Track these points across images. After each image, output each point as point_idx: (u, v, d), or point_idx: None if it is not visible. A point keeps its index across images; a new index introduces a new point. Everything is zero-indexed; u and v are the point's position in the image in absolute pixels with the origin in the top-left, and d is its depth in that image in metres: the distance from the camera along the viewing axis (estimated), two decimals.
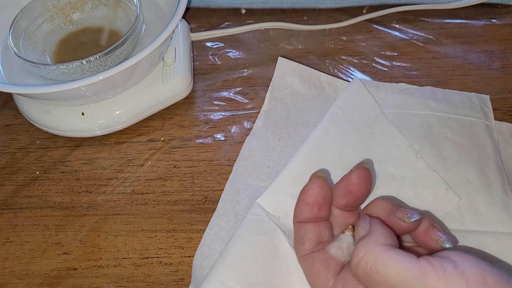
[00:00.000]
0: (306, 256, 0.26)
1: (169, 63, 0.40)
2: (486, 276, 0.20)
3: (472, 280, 0.19)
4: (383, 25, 0.48)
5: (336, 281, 0.24)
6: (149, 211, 0.36)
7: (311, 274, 0.26)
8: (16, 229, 0.36)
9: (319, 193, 0.27)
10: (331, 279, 0.24)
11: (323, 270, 0.25)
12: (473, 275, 0.19)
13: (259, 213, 0.31)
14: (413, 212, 0.25)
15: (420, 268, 0.20)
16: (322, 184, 0.27)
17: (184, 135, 0.40)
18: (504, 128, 0.38)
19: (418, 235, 0.26)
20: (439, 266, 0.20)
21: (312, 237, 0.27)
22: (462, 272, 0.20)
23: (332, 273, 0.25)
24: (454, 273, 0.20)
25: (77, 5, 0.44)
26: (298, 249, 0.27)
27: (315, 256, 0.26)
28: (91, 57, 0.36)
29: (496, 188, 0.33)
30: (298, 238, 0.27)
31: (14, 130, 0.42)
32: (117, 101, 0.39)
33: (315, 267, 0.25)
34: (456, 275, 0.20)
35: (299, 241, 0.27)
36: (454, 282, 0.19)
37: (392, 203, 0.27)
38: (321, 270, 0.25)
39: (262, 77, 0.44)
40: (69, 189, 0.37)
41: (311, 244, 0.27)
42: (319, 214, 0.27)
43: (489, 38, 0.46)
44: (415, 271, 0.20)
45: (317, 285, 0.25)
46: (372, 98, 0.38)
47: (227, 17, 0.50)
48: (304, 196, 0.27)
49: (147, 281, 0.32)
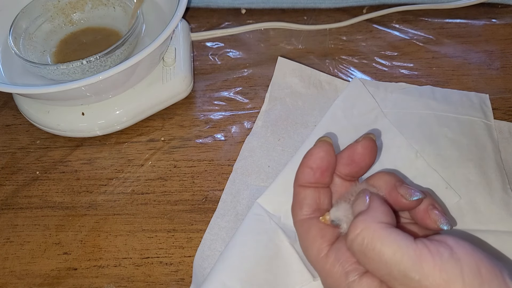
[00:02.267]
0: (303, 221, 0.26)
1: (169, 63, 0.40)
2: (481, 266, 0.20)
3: (466, 269, 0.19)
4: (383, 25, 0.48)
5: (330, 251, 0.24)
6: (149, 211, 0.36)
7: (306, 240, 0.25)
8: (16, 229, 0.36)
9: (324, 158, 0.26)
10: (325, 249, 0.24)
11: (318, 238, 0.25)
12: (468, 264, 0.20)
13: (259, 213, 0.31)
14: (415, 190, 0.25)
15: (417, 251, 0.20)
16: (327, 149, 0.26)
17: (184, 135, 0.40)
18: (503, 127, 0.38)
19: (418, 214, 0.25)
20: (435, 251, 0.20)
21: (311, 202, 0.26)
22: (457, 260, 0.20)
23: (327, 242, 0.24)
24: (449, 260, 0.20)
25: (77, 5, 0.44)
26: (296, 213, 0.26)
27: (312, 223, 0.25)
28: (91, 57, 0.36)
29: (496, 187, 0.33)
30: (297, 202, 0.26)
31: (14, 130, 0.42)
32: (117, 101, 0.39)
33: (310, 234, 0.25)
34: (452, 262, 0.20)
35: (298, 205, 0.26)
36: (448, 269, 0.19)
37: (396, 178, 0.26)
38: (316, 238, 0.25)
39: (262, 77, 0.44)
40: (69, 189, 0.37)
41: (309, 210, 0.26)
42: (321, 180, 0.26)
43: (489, 38, 0.46)
44: (411, 253, 0.20)
45: (310, 251, 0.25)
46: (372, 97, 0.38)
47: (227, 17, 0.50)
48: (307, 159, 0.26)
49: (147, 281, 0.32)
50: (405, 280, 0.20)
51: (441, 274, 0.19)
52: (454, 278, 0.19)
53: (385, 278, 0.21)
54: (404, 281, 0.20)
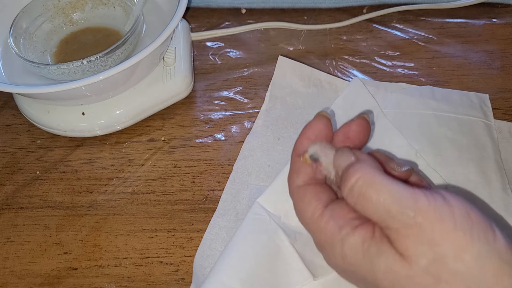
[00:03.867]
0: (299, 187, 0.27)
1: (170, 63, 0.40)
2: (471, 212, 0.21)
3: (458, 212, 0.21)
4: (383, 24, 0.48)
5: (324, 211, 0.25)
6: (150, 211, 0.36)
7: (301, 204, 0.26)
8: (16, 229, 0.36)
9: (322, 130, 0.27)
10: (320, 209, 0.25)
11: (314, 201, 0.25)
12: (459, 209, 0.21)
13: (260, 213, 0.31)
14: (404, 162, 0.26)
15: (413, 194, 0.22)
16: (326, 122, 0.27)
17: (184, 135, 0.40)
18: (503, 127, 0.38)
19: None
20: (430, 196, 0.22)
21: (308, 171, 0.27)
22: (450, 205, 0.21)
23: (322, 204, 0.25)
24: (442, 204, 0.21)
25: (77, 4, 0.44)
26: (293, 180, 0.27)
27: (308, 188, 0.26)
28: (92, 57, 0.36)
29: (496, 187, 0.33)
30: (294, 170, 0.27)
31: (14, 130, 0.42)
32: (117, 101, 0.39)
33: (306, 198, 0.26)
34: (444, 205, 0.21)
35: (295, 173, 0.27)
36: (441, 210, 0.21)
37: (385, 156, 0.27)
38: (312, 201, 0.26)
39: (262, 77, 0.44)
40: (69, 189, 0.38)
41: (306, 177, 0.27)
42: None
43: (489, 37, 0.46)
44: (408, 194, 0.22)
45: (305, 214, 0.26)
46: (372, 97, 0.38)
47: (227, 17, 0.50)
48: (306, 130, 0.27)
49: (148, 281, 0.32)
50: (401, 218, 0.21)
51: (435, 212, 0.21)
52: (446, 218, 0.21)
53: (382, 219, 0.22)
54: (401, 218, 0.21)
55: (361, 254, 0.23)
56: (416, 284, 0.21)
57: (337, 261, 0.24)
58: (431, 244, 0.21)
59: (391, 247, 0.22)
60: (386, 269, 0.22)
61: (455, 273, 0.21)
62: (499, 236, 0.21)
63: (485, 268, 0.20)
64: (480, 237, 0.21)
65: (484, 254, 0.21)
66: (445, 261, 0.21)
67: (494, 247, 0.21)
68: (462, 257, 0.21)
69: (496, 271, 0.20)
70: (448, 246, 0.21)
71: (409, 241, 0.21)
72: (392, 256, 0.22)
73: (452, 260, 0.21)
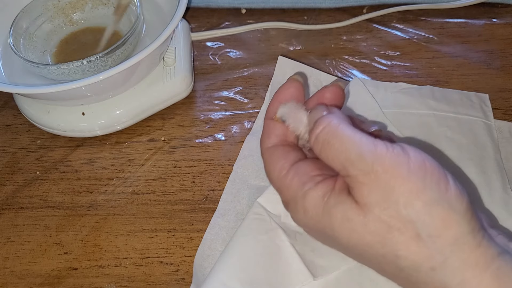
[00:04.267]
0: (269, 148, 0.28)
1: (170, 63, 0.40)
2: (426, 162, 0.22)
3: (413, 160, 0.22)
4: (383, 24, 0.48)
5: (290, 169, 0.26)
6: (150, 211, 0.36)
7: (270, 163, 0.27)
8: (17, 229, 0.36)
9: (293, 93, 0.28)
10: (287, 168, 0.26)
11: (281, 159, 0.26)
12: (416, 158, 0.22)
13: (260, 213, 0.31)
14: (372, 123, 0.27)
15: (373, 142, 0.23)
16: (297, 85, 0.28)
17: (184, 135, 0.40)
18: (503, 127, 0.38)
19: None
20: (390, 146, 0.23)
21: (279, 133, 0.28)
22: (407, 154, 0.22)
23: (289, 163, 0.26)
24: (400, 152, 0.22)
25: (77, 5, 0.44)
26: (264, 142, 0.28)
27: (277, 148, 0.27)
28: (92, 57, 0.36)
29: (496, 187, 0.33)
30: (265, 132, 0.28)
31: (14, 130, 0.42)
32: (117, 101, 0.39)
33: (274, 157, 0.27)
34: (401, 153, 0.22)
35: (266, 135, 0.28)
36: (398, 159, 0.22)
37: (356, 118, 0.28)
38: (279, 159, 0.26)
39: (262, 77, 0.44)
40: (69, 189, 0.38)
41: (276, 139, 0.28)
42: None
43: (489, 37, 0.46)
44: (369, 141, 0.23)
45: (272, 172, 0.27)
46: (371, 97, 0.38)
47: (227, 17, 0.50)
48: (278, 94, 0.28)
49: (148, 281, 0.32)
50: (360, 164, 0.22)
51: (391, 159, 0.22)
52: (401, 164, 0.22)
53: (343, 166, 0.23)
54: (359, 165, 0.22)
55: (321, 207, 0.24)
56: (371, 232, 0.22)
57: (300, 216, 0.25)
58: (385, 191, 0.22)
59: (349, 197, 0.23)
60: (343, 218, 0.23)
61: (406, 220, 0.21)
62: (452, 185, 0.22)
63: (434, 215, 0.21)
64: (432, 185, 0.21)
65: (435, 202, 0.21)
66: (397, 208, 0.21)
67: (445, 195, 0.21)
68: (412, 204, 0.21)
69: (445, 219, 0.21)
70: (400, 193, 0.21)
71: (365, 188, 0.22)
72: (349, 204, 0.23)
73: (403, 207, 0.21)
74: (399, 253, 0.22)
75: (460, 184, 0.23)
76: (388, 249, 0.22)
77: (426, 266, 0.21)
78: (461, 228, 0.21)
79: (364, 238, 0.22)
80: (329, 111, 0.26)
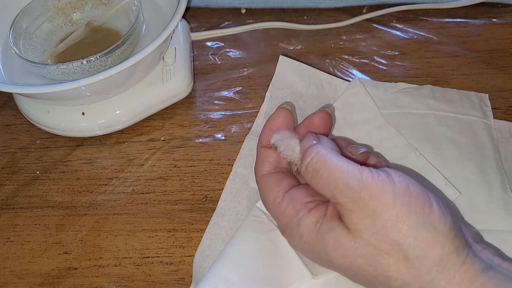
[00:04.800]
0: (263, 176, 0.29)
1: (169, 62, 0.40)
2: (411, 187, 0.24)
3: (398, 186, 0.23)
4: (383, 24, 0.48)
5: (284, 197, 0.27)
6: (150, 211, 0.36)
7: (265, 191, 0.28)
8: (16, 228, 0.36)
9: (283, 121, 0.29)
10: (281, 195, 0.27)
11: (275, 188, 0.28)
12: (400, 184, 0.24)
13: (259, 215, 0.31)
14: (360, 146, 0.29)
15: (360, 169, 0.24)
16: (286, 114, 0.30)
17: (184, 135, 0.40)
18: (503, 127, 0.38)
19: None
20: (375, 172, 0.24)
21: (272, 161, 0.29)
22: (392, 180, 0.24)
23: (283, 191, 0.27)
24: (385, 178, 0.24)
25: (77, 4, 0.44)
26: (258, 170, 0.30)
27: (271, 176, 0.29)
28: (92, 57, 0.36)
29: (495, 187, 0.33)
30: (259, 160, 0.30)
31: (14, 130, 0.42)
32: (117, 101, 0.39)
33: (269, 185, 0.28)
34: (387, 181, 0.24)
35: (260, 162, 0.30)
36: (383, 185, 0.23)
37: (345, 141, 0.30)
38: (274, 188, 0.28)
39: (262, 77, 0.44)
40: (69, 188, 0.38)
41: (270, 167, 0.29)
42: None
43: (489, 37, 0.46)
44: (355, 169, 0.24)
45: (268, 200, 0.28)
46: (370, 98, 0.38)
47: (227, 16, 0.50)
48: (268, 122, 0.30)
49: (148, 281, 0.32)
50: (348, 192, 0.24)
51: (377, 187, 0.23)
52: (386, 191, 0.23)
53: (332, 193, 0.24)
54: (347, 192, 0.24)
55: (314, 233, 0.25)
56: (362, 256, 0.23)
57: (296, 242, 0.27)
58: (373, 217, 0.23)
59: (340, 223, 0.24)
60: (335, 243, 0.24)
61: (394, 243, 0.23)
62: (435, 208, 0.23)
63: (419, 238, 0.22)
64: (416, 209, 0.23)
65: (419, 225, 0.23)
66: (385, 232, 0.23)
67: (428, 218, 0.23)
68: (399, 228, 0.23)
69: (430, 240, 0.23)
70: (387, 218, 0.23)
71: (354, 215, 0.24)
72: (340, 230, 0.24)
73: (390, 231, 0.23)
74: (389, 274, 0.23)
75: (443, 205, 0.24)
76: (379, 271, 0.23)
77: (415, 285, 0.23)
78: (445, 248, 0.23)
79: (356, 261, 0.24)
80: (318, 140, 0.27)
